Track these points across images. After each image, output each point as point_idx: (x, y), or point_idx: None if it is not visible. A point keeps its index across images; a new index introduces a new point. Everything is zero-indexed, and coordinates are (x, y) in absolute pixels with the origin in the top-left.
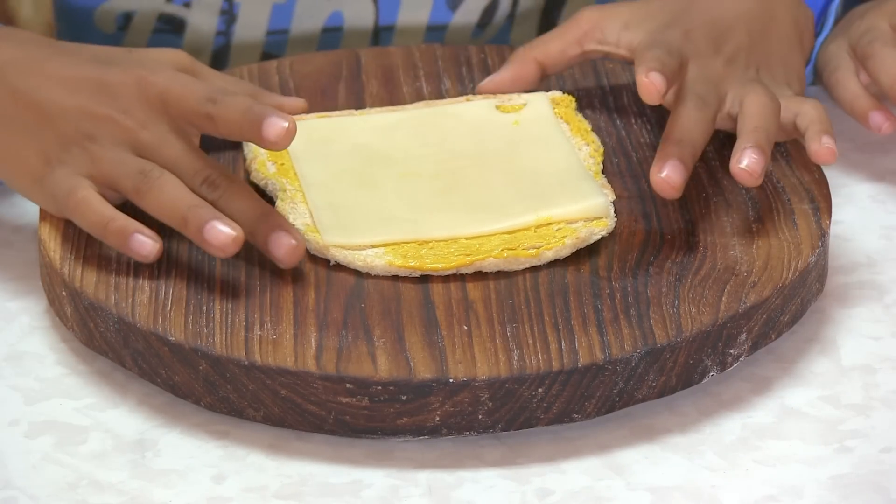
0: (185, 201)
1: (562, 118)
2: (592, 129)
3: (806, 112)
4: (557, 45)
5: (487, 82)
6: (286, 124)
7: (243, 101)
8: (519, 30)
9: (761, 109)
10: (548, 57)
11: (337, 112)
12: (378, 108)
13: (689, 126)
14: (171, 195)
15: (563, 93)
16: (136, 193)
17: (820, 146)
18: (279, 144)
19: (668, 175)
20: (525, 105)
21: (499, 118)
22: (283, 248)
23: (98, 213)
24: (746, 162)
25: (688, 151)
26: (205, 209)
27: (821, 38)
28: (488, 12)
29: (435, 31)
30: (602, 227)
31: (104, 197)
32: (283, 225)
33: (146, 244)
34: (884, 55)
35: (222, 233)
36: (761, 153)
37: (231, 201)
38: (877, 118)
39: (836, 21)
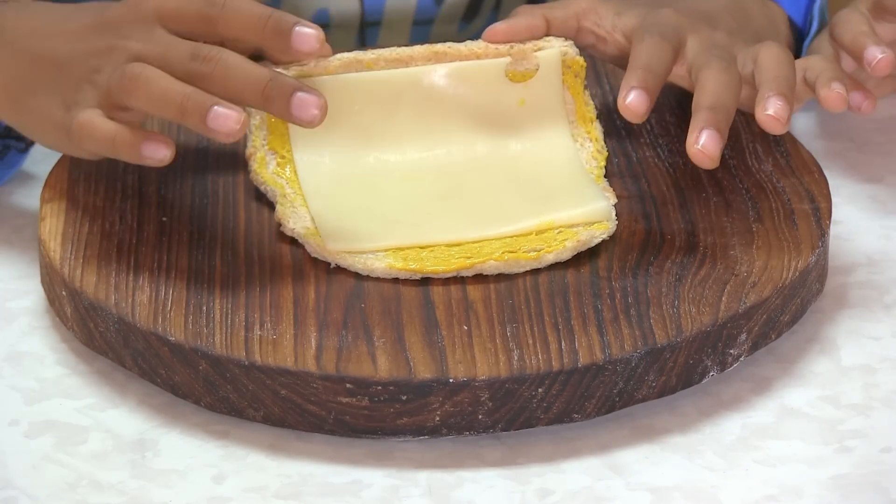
0: (179, 90)
1: (569, 90)
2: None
3: (814, 64)
4: (560, 12)
5: (501, 24)
6: (313, 31)
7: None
8: None
9: (777, 59)
10: (552, 18)
11: (345, 57)
12: (386, 54)
13: (719, 90)
14: (160, 85)
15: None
16: (124, 92)
17: (829, 91)
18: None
19: (705, 145)
20: (536, 71)
21: (506, 97)
22: (311, 111)
23: (102, 129)
24: (773, 109)
25: (722, 117)
26: (202, 95)
27: (808, 40)
28: (473, 5)
29: (421, 26)
30: (603, 231)
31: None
32: (298, 86)
33: (160, 148)
34: (848, 18)
35: (227, 116)
36: (785, 100)
37: (229, 72)
38: (857, 98)
39: (823, 24)
